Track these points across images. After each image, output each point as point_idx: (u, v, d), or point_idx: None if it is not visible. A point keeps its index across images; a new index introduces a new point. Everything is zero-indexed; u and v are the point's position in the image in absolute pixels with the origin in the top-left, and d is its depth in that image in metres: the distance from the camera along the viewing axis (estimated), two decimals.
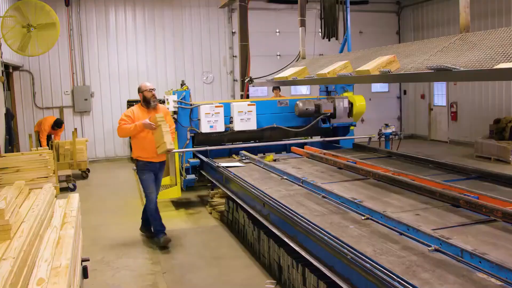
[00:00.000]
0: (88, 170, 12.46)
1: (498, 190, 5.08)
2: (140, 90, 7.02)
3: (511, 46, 3.23)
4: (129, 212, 8.96)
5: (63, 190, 10.29)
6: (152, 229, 7.16)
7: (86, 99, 14.99)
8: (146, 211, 7.22)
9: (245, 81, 8.75)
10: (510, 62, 2.96)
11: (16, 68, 14.00)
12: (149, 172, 7.01)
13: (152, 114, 6.81)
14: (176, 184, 8.83)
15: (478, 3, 14.52)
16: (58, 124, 12.61)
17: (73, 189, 10.61)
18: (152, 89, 7.01)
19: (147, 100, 6.97)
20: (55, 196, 5.55)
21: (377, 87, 18.18)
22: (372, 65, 4.15)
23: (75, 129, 13.14)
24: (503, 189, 5.19)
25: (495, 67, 2.96)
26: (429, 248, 3.48)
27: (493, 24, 14.17)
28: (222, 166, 7.30)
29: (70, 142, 11.92)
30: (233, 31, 16.15)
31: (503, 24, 13.75)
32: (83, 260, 4.68)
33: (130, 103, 15.14)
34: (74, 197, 5.42)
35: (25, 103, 14.69)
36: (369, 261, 3.35)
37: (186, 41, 15.97)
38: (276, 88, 12.22)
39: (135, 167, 7.18)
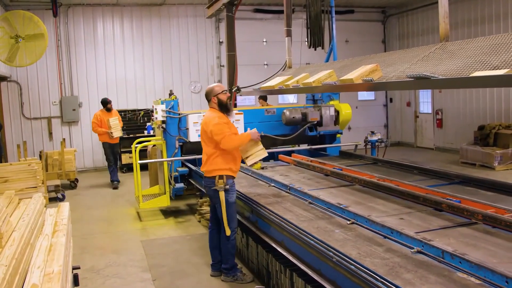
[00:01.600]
0: (76, 180, 12.49)
1: (480, 194, 5.22)
2: (213, 93, 5.74)
3: (487, 55, 3.35)
4: (118, 221, 9.01)
5: (51, 200, 10.31)
6: (227, 265, 5.78)
7: (74, 109, 15.02)
8: (224, 245, 5.76)
9: (233, 90, 8.83)
10: (486, 70, 3.09)
11: (3, 78, 14.00)
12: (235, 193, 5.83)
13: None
14: (165, 193, 8.89)
15: (462, 11, 14.80)
16: (106, 103, 12.40)
17: (61, 199, 10.63)
18: (226, 90, 5.85)
19: (224, 105, 5.73)
20: (45, 206, 5.60)
21: (364, 95, 18.37)
22: (355, 74, 4.26)
23: (64, 139, 13.20)
24: (485, 193, 5.33)
25: (471, 75, 3.09)
26: (411, 250, 3.59)
27: (476, 32, 14.42)
28: None
29: (59, 152, 11.95)
30: (221, 40, 16.29)
31: (486, 33, 14.01)
32: (73, 268, 4.73)
33: (119, 113, 15.20)
34: (65, 206, 5.47)
35: (13, 113, 14.69)
36: (354, 263, 3.45)
37: (174, 51, 16.08)
38: (261, 98, 12.31)
39: (222, 187, 5.56)
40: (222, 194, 5.55)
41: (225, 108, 5.75)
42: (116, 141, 12.48)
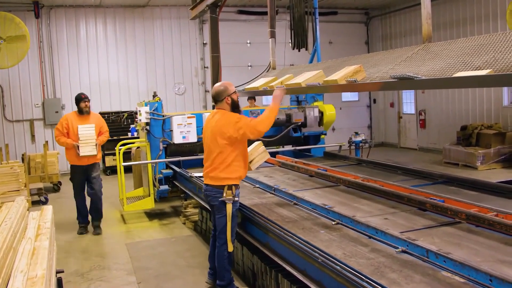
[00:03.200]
0: (60, 183, 12.36)
1: (463, 194, 5.26)
2: (227, 93, 5.15)
3: (469, 55, 3.39)
4: (102, 224, 8.92)
5: (34, 203, 10.21)
6: (223, 282, 5.20)
7: (57, 112, 14.87)
8: (220, 258, 5.20)
9: None
10: (468, 70, 3.12)
11: None
12: None
13: None
14: (149, 195, 8.85)
15: (444, 13, 14.94)
16: (78, 100, 8.20)
17: (45, 202, 10.52)
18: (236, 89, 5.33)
19: (237, 105, 5.22)
20: (27, 209, 5.54)
21: (348, 96, 18.45)
22: (339, 75, 4.28)
23: (46, 141, 13.04)
24: (468, 192, 5.37)
25: (454, 75, 3.12)
26: (396, 250, 3.61)
27: (458, 33, 14.57)
28: (195, 176, 7.35)
29: (41, 155, 11.83)
30: (204, 42, 16.26)
31: (468, 34, 14.16)
32: (57, 272, 4.69)
33: (102, 115, 15.06)
34: (48, 209, 5.43)
35: None
36: (339, 263, 3.46)
37: (157, 52, 16.02)
38: (251, 98, 12.41)
39: (231, 199, 5.07)
40: (229, 207, 5.06)
41: (237, 108, 5.22)
42: (89, 161, 8.16)
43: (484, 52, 3.28)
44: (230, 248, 5.12)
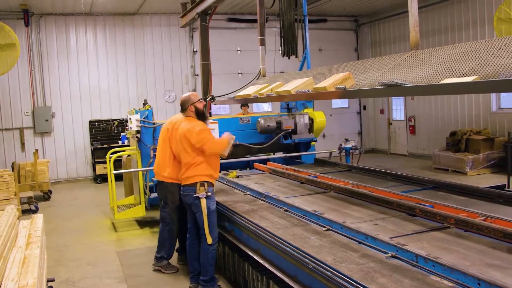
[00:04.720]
0: (50, 191, 12.32)
1: (452, 199, 5.30)
2: (190, 102, 5.86)
3: (456, 62, 3.43)
4: (93, 232, 8.91)
5: (24, 212, 10.16)
6: (206, 277, 5.57)
7: (47, 120, 14.83)
8: (204, 256, 5.58)
9: (207, 99, 8.85)
10: (455, 77, 3.16)
11: None
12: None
13: None
14: (140, 203, 8.83)
15: (432, 20, 15.08)
16: None
17: (35, 211, 10.47)
18: (201, 99, 6.01)
19: (201, 113, 5.90)
20: (18, 218, 5.53)
21: (338, 103, 18.54)
22: (328, 82, 4.31)
23: (36, 150, 13.01)
24: (456, 197, 5.41)
25: (441, 82, 3.16)
26: (386, 255, 3.64)
27: (445, 40, 14.71)
28: None
29: (32, 163, 11.78)
30: (195, 50, 16.31)
31: (455, 41, 14.29)
32: (48, 281, 4.68)
33: (92, 123, 15.10)
34: (38, 217, 5.42)
35: None
36: (329, 269, 3.49)
37: (148, 60, 16.04)
38: (244, 105, 12.49)
39: (204, 194, 5.55)
40: (204, 202, 5.49)
41: (202, 116, 5.87)
42: None
43: (471, 59, 3.32)
44: (209, 240, 5.49)
